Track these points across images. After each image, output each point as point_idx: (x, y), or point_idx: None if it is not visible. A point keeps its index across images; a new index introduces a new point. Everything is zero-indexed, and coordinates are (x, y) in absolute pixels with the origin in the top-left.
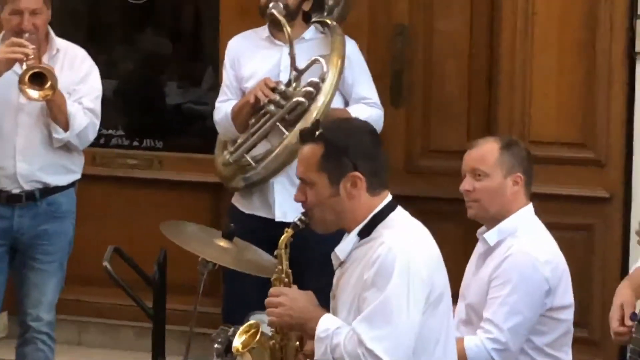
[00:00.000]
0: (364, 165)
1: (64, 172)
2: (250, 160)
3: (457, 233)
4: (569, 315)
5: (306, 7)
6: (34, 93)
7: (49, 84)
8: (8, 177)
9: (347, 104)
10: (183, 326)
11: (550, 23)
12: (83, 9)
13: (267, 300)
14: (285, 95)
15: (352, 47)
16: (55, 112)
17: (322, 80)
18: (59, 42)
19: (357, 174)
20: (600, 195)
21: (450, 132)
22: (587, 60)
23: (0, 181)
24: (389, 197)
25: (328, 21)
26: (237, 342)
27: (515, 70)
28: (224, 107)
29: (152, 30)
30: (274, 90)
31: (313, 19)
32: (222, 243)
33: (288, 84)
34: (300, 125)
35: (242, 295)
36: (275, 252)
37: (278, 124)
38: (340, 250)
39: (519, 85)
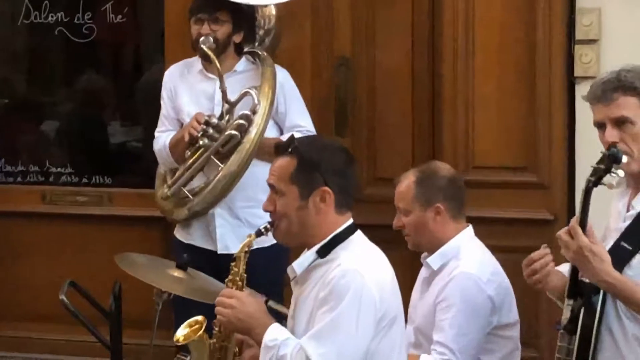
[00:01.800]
0: (335, 181)
1: None
2: (187, 193)
3: (404, 259)
4: (515, 332)
5: (237, 39)
6: None
7: None
8: None
9: (282, 132)
10: None
11: (490, 50)
12: (24, 48)
13: (217, 299)
14: (218, 129)
15: (283, 76)
16: None
17: (254, 112)
18: None
19: (327, 189)
20: (544, 217)
21: (396, 160)
22: (528, 86)
23: None
24: (351, 220)
25: (259, 52)
26: (180, 333)
27: (457, 97)
28: (162, 138)
29: (94, 69)
30: (206, 124)
31: (245, 50)
32: (176, 273)
33: (220, 117)
34: (234, 157)
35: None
36: (234, 255)
37: (212, 157)
38: (297, 265)
39: (462, 112)
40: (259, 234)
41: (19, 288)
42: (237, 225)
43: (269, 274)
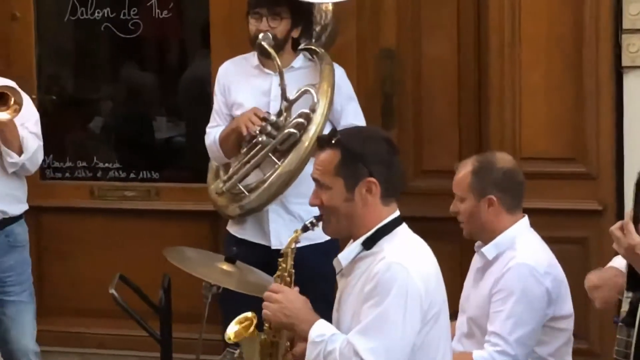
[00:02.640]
0: (380, 171)
1: (16, 201)
2: (243, 189)
3: (453, 251)
4: (569, 324)
5: (295, 34)
6: (3, 115)
7: (12, 100)
8: None
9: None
10: (187, 354)
11: (536, 40)
12: (70, 44)
13: (265, 294)
14: (276, 126)
15: (340, 75)
16: (9, 138)
17: (313, 110)
18: None
19: (373, 179)
20: (593, 208)
21: (442, 152)
22: (575, 76)
23: None
24: (397, 212)
25: (317, 49)
26: (230, 331)
27: (504, 88)
28: (213, 133)
29: (140, 64)
30: (264, 120)
31: (301, 46)
32: (225, 267)
33: (279, 114)
34: (292, 155)
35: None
36: (281, 251)
37: (270, 154)
38: (343, 257)
39: (509, 103)
40: (305, 229)
41: (69, 283)
42: (290, 221)
43: (319, 270)
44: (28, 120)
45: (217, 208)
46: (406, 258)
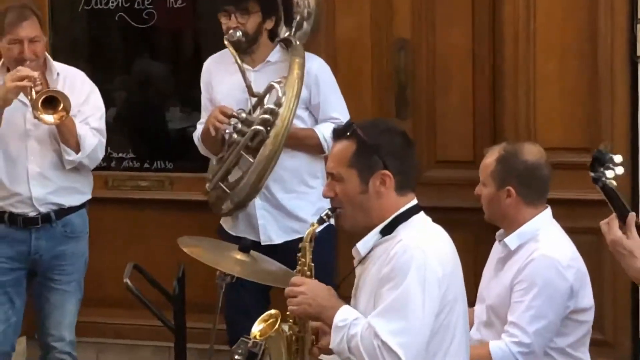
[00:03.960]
0: (394, 164)
1: (76, 193)
2: (225, 187)
3: (467, 241)
4: (589, 316)
5: (268, 26)
6: (49, 118)
7: (61, 106)
8: (23, 202)
9: (317, 123)
10: (201, 344)
11: (551, 31)
12: (84, 34)
13: (288, 289)
14: (248, 123)
15: (318, 66)
16: (66, 136)
17: (279, 105)
18: (58, 66)
19: (387, 172)
20: None
21: (456, 142)
22: (590, 66)
23: (16, 206)
24: (415, 201)
25: (292, 40)
26: (255, 329)
27: (518, 78)
28: (199, 129)
29: (154, 54)
30: (235, 117)
31: (278, 38)
32: (239, 256)
33: (250, 111)
34: (261, 152)
35: (242, 305)
36: (299, 245)
37: (242, 152)
38: (362, 246)
39: (523, 94)
40: (321, 221)
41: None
42: (279, 216)
43: (316, 260)
44: (92, 115)
45: (210, 206)
46: (423, 240)
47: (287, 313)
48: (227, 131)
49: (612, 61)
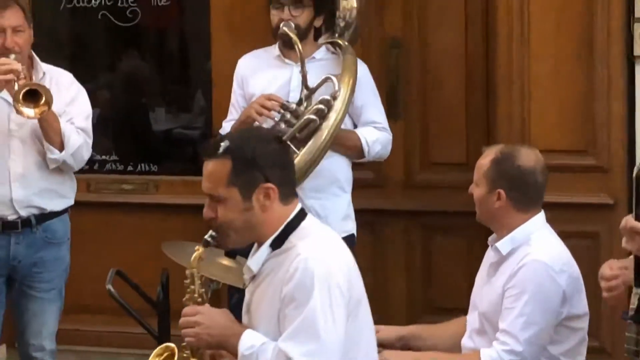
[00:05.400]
0: (275, 174)
1: (58, 197)
2: None
3: (460, 246)
4: (584, 323)
5: (317, 23)
6: (29, 111)
7: (43, 99)
8: (4, 203)
9: (355, 126)
10: None
11: (546, 29)
12: (66, 33)
13: (181, 320)
14: (296, 114)
15: (363, 70)
16: (49, 133)
17: (334, 98)
18: (44, 66)
19: (269, 185)
20: (604, 201)
21: (449, 144)
22: (585, 66)
23: None
24: (299, 206)
25: (340, 41)
26: None
27: (512, 79)
28: (228, 127)
29: (138, 53)
30: (285, 108)
31: (325, 41)
32: (225, 262)
33: (299, 102)
34: (311, 143)
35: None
36: (187, 272)
37: (289, 142)
38: (253, 263)
39: (517, 95)
40: (206, 244)
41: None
42: None
43: None
44: (78, 115)
45: None
46: (321, 251)
47: (183, 345)
48: (273, 120)
49: (608, 61)
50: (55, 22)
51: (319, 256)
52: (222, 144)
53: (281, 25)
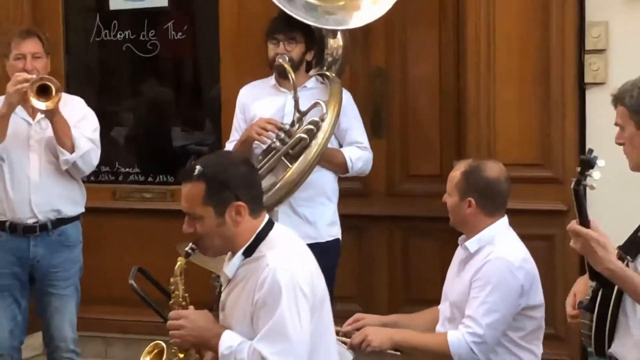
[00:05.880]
0: (245, 193)
1: (72, 202)
2: None
3: (434, 246)
4: (540, 313)
5: (308, 57)
6: (40, 104)
7: (54, 91)
8: (24, 208)
9: (341, 147)
10: None
11: (509, 60)
12: (95, 62)
13: (168, 323)
14: (289, 134)
15: (347, 98)
16: (61, 136)
17: (322, 120)
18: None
19: (240, 203)
20: (558, 208)
21: (425, 159)
22: (543, 92)
23: (16, 212)
24: (267, 217)
25: (328, 73)
26: None
27: (480, 102)
28: (230, 147)
29: (157, 80)
30: (279, 129)
31: (315, 73)
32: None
33: (292, 124)
34: (302, 159)
35: None
36: (171, 280)
37: (283, 158)
38: (229, 270)
39: (484, 116)
40: (187, 255)
41: (94, 275)
42: (298, 222)
43: (322, 265)
44: (86, 128)
45: None
46: (288, 261)
47: (171, 342)
48: (269, 141)
49: (563, 88)
50: (86, 53)
51: (285, 266)
52: (196, 168)
53: (277, 58)
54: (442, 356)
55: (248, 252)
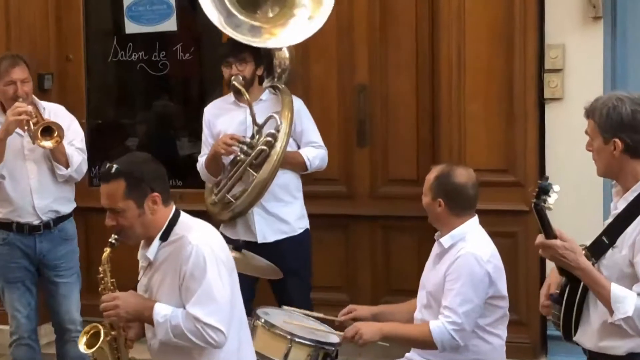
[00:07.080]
0: (157, 185)
1: (67, 202)
2: (230, 198)
3: (412, 243)
4: (504, 303)
5: (259, 72)
6: (47, 143)
7: (56, 133)
8: (28, 211)
9: (299, 147)
10: None
11: (478, 77)
12: (112, 80)
13: (102, 306)
14: (251, 146)
15: (299, 104)
16: (58, 156)
17: (277, 130)
18: (43, 103)
19: (155, 194)
20: (521, 209)
21: (403, 165)
22: (508, 106)
23: (22, 216)
24: (174, 207)
25: (279, 85)
26: (81, 343)
27: (452, 115)
28: (201, 161)
29: (167, 96)
30: (242, 143)
31: (267, 84)
32: (233, 254)
33: (252, 137)
34: (265, 167)
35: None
36: (100, 269)
37: (248, 168)
38: (150, 253)
39: (455, 127)
40: (111, 246)
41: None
42: (271, 221)
43: (299, 258)
44: (75, 139)
45: (212, 215)
46: (206, 237)
47: (103, 322)
48: (233, 155)
49: (525, 103)
50: (104, 72)
51: (205, 242)
52: (113, 167)
53: (232, 79)
54: (426, 344)
55: (164, 236)
